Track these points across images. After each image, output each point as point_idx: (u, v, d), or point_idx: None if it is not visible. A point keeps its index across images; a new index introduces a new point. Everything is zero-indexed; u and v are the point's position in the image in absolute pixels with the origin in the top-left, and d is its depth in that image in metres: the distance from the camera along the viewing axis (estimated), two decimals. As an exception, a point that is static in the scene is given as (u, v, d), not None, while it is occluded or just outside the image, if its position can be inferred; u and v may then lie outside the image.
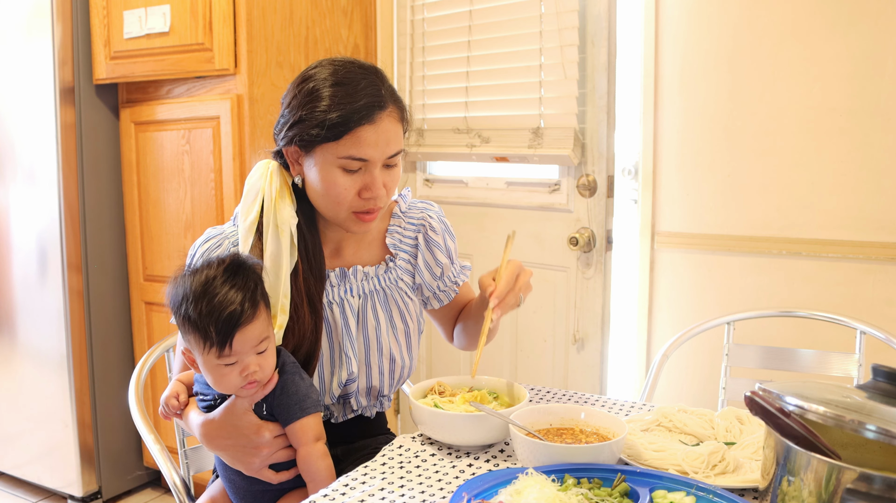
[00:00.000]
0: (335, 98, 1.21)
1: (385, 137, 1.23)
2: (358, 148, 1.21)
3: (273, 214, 1.28)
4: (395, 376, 1.40)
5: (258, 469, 1.20)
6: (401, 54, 2.62)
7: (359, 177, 1.24)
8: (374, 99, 1.22)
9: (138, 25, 2.37)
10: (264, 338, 1.15)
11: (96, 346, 2.60)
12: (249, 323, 1.12)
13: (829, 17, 1.90)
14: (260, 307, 1.15)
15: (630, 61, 2.26)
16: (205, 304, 1.10)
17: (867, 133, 1.88)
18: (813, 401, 0.88)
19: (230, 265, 1.15)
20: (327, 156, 1.22)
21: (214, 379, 1.15)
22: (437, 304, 1.46)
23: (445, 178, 2.62)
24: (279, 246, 1.27)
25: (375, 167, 1.24)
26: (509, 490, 0.98)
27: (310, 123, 1.21)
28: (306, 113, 1.22)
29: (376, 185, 1.24)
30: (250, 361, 1.14)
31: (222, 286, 1.12)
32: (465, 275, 1.48)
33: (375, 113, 1.21)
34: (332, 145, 1.21)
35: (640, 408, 1.43)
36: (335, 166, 1.23)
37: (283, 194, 1.29)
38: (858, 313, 1.79)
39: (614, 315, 2.34)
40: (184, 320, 1.13)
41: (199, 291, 1.11)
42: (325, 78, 1.23)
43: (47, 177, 2.49)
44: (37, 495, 2.74)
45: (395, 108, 1.25)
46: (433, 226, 1.42)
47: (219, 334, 1.10)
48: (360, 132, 1.20)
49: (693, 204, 2.13)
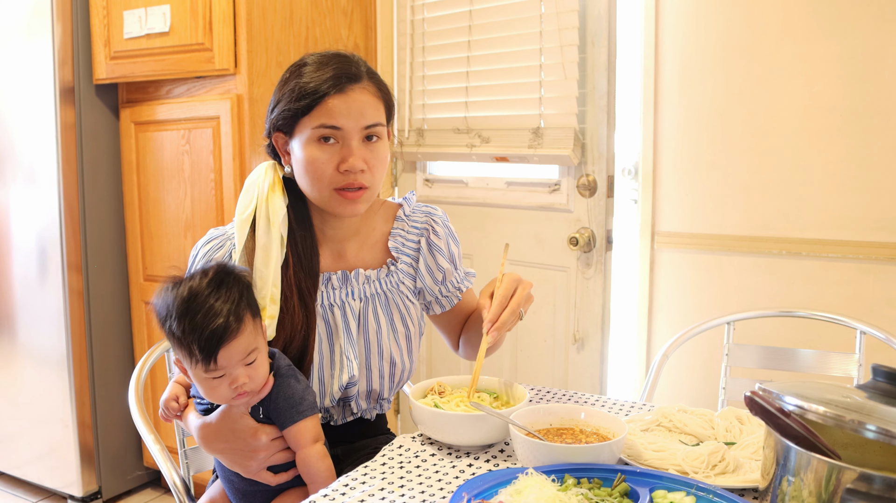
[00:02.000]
0: (309, 74, 1.26)
1: (358, 107, 1.25)
2: (329, 116, 1.24)
3: (265, 207, 1.30)
4: (396, 379, 1.40)
5: (256, 471, 1.20)
6: (401, 54, 2.62)
7: (336, 150, 1.26)
8: (344, 71, 1.26)
9: (138, 25, 2.37)
10: (252, 349, 1.13)
11: (96, 346, 2.60)
12: (234, 337, 1.10)
13: (828, 17, 1.90)
14: (245, 319, 1.12)
15: (630, 61, 2.26)
16: (187, 322, 1.08)
17: (867, 133, 1.88)
18: (813, 401, 0.88)
19: (214, 277, 1.12)
20: (304, 131, 1.26)
21: (205, 390, 1.14)
22: (439, 310, 1.46)
23: (445, 178, 2.62)
24: (269, 237, 1.29)
25: (352, 139, 1.26)
26: (509, 490, 0.98)
27: (285, 101, 1.27)
28: (284, 93, 1.28)
29: (354, 159, 1.25)
30: (238, 374, 1.12)
31: (205, 301, 1.09)
32: (470, 281, 1.48)
33: (345, 84, 1.25)
34: (307, 119, 1.25)
35: (640, 408, 1.42)
36: (312, 140, 1.26)
37: (274, 188, 1.32)
38: (858, 313, 1.78)
39: (614, 315, 2.34)
40: (169, 335, 1.11)
41: (182, 308, 1.08)
42: (304, 63, 1.29)
43: (47, 177, 2.49)
44: (37, 495, 2.74)
45: (370, 83, 1.28)
46: (437, 230, 1.42)
47: (202, 352, 1.08)
48: (330, 101, 1.24)
49: (693, 204, 2.13)
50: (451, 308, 1.46)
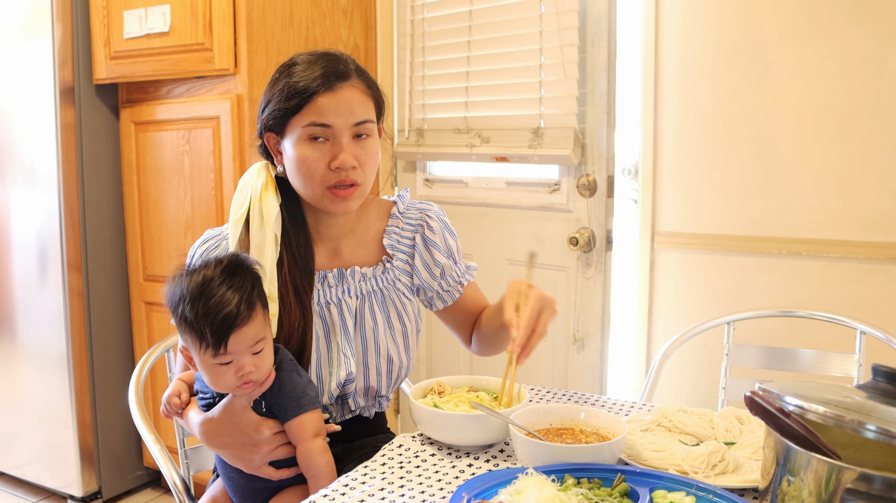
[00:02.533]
0: (298, 73, 1.26)
1: (347, 105, 1.26)
2: (318, 114, 1.25)
3: (258, 206, 1.31)
4: (393, 376, 1.40)
5: (258, 466, 1.20)
6: (401, 54, 2.62)
7: (327, 148, 1.26)
8: (333, 69, 1.26)
9: (138, 25, 2.37)
10: (260, 338, 1.16)
11: (96, 346, 2.60)
12: (245, 324, 1.13)
13: (828, 17, 1.90)
14: (256, 308, 1.15)
15: (630, 61, 2.26)
16: (201, 305, 1.11)
17: (867, 133, 1.88)
18: (813, 401, 0.88)
19: (228, 266, 1.16)
20: (295, 130, 1.27)
21: (211, 378, 1.16)
22: (441, 305, 1.46)
23: (445, 178, 2.62)
24: (263, 236, 1.29)
25: (342, 136, 1.26)
26: (509, 490, 0.98)
27: (276, 101, 1.28)
28: (274, 93, 1.29)
29: (345, 156, 1.25)
30: (246, 361, 1.14)
31: (219, 287, 1.12)
32: (472, 275, 1.48)
33: (334, 82, 1.25)
34: (297, 118, 1.26)
35: (640, 408, 1.43)
36: (303, 139, 1.26)
37: (267, 187, 1.32)
38: (858, 313, 1.79)
39: (614, 315, 2.34)
40: (180, 320, 1.14)
41: (196, 292, 1.12)
42: (293, 63, 1.29)
43: (47, 177, 2.49)
44: (37, 495, 2.74)
45: (359, 82, 1.29)
46: (431, 226, 1.42)
47: (214, 335, 1.11)
48: (319, 99, 1.25)
49: (693, 204, 2.13)
50: (455, 302, 1.46)
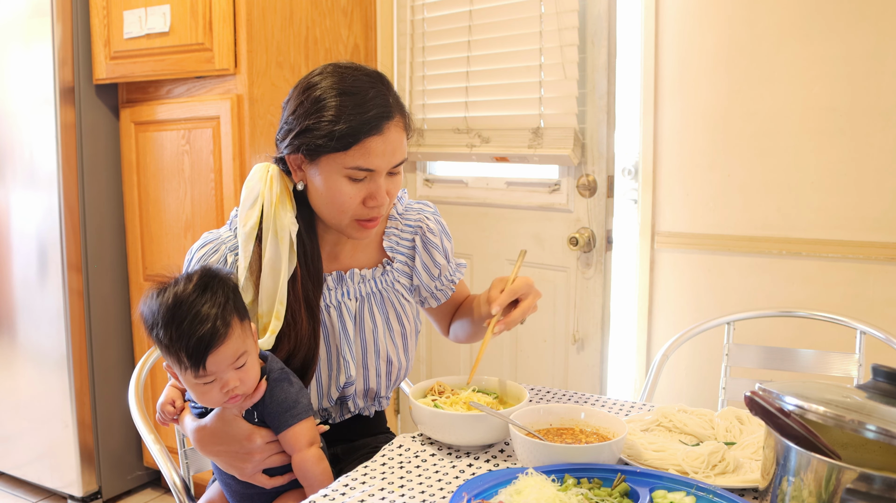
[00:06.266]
0: (343, 108, 1.20)
1: (392, 147, 1.23)
2: (366, 158, 1.21)
3: (273, 220, 1.27)
4: (392, 377, 1.41)
5: (251, 474, 1.19)
6: (401, 54, 2.62)
7: (364, 185, 1.24)
8: (383, 110, 1.21)
9: (138, 25, 2.37)
10: (241, 353, 1.11)
11: (96, 346, 2.60)
12: (222, 343, 1.08)
13: (828, 16, 1.90)
14: (233, 323, 1.10)
15: (630, 61, 2.26)
16: (174, 329, 1.06)
17: (867, 133, 1.88)
18: (813, 401, 0.88)
19: (199, 282, 1.10)
20: (334, 165, 1.22)
21: (197, 395, 1.13)
22: (434, 303, 1.47)
23: (445, 178, 2.62)
24: (278, 252, 1.26)
25: (381, 176, 1.24)
26: (509, 490, 0.98)
27: (317, 133, 1.20)
28: (313, 122, 1.21)
29: (381, 194, 1.24)
30: (229, 378, 1.11)
31: (191, 307, 1.07)
32: (461, 272, 1.49)
33: (383, 123, 1.21)
34: (339, 155, 1.21)
35: (640, 408, 1.43)
36: (341, 175, 1.22)
37: (283, 200, 1.28)
38: (858, 313, 1.79)
39: (614, 315, 2.34)
40: (157, 343, 1.10)
41: (167, 315, 1.07)
42: (330, 86, 1.22)
43: (47, 177, 2.49)
44: (37, 495, 2.74)
45: (400, 118, 1.25)
46: (430, 227, 1.42)
47: (191, 359, 1.07)
48: (369, 143, 1.20)
49: (693, 204, 2.13)
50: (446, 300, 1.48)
